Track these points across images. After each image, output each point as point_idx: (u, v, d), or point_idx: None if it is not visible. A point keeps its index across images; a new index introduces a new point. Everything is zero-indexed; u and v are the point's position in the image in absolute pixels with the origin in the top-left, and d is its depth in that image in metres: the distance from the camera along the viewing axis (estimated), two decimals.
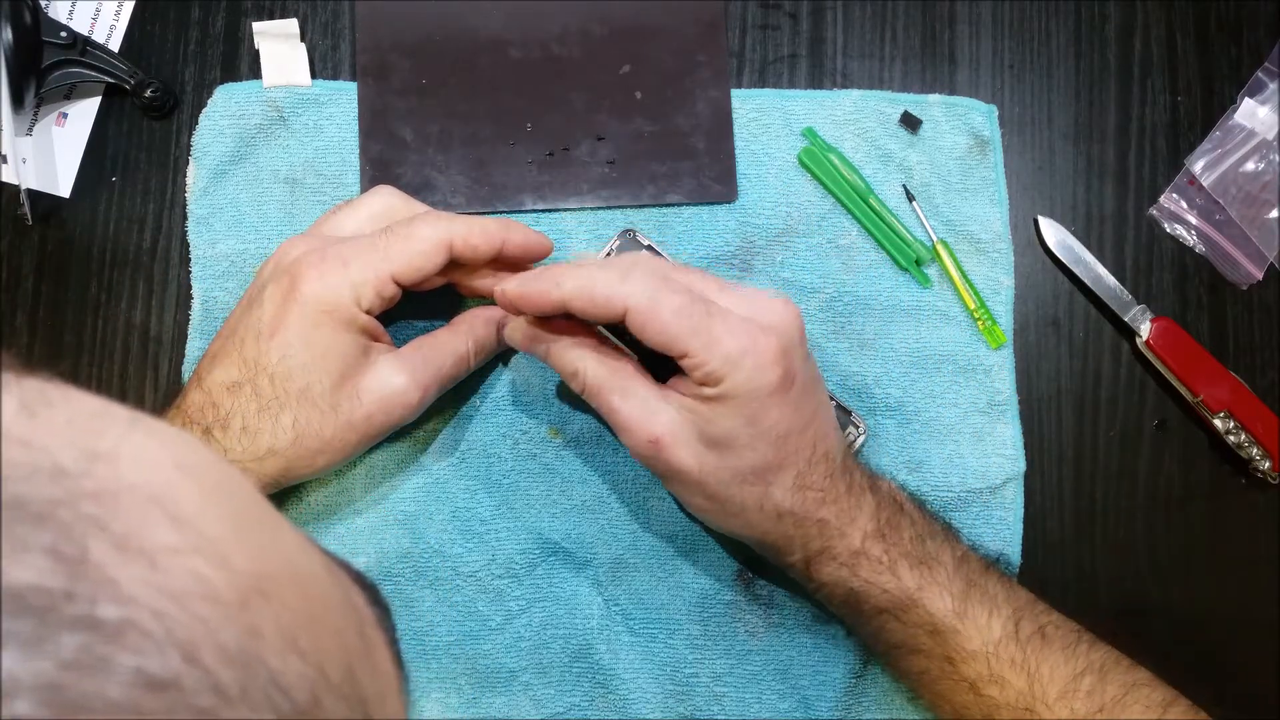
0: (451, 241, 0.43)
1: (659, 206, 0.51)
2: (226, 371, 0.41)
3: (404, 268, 0.42)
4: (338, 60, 0.53)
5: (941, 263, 0.51)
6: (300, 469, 0.43)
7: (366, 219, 0.45)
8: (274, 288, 0.42)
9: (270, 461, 0.42)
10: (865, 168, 0.51)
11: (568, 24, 0.52)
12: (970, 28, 0.54)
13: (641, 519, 0.49)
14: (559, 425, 0.49)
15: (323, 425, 0.42)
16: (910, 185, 0.51)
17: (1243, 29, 0.54)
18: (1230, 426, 0.50)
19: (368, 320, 0.42)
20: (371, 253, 0.42)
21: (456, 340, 0.45)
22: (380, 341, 0.44)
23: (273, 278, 0.42)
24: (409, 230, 0.43)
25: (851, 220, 0.51)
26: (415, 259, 0.42)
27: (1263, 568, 0.51)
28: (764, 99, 0.52)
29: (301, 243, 0.43)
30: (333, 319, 0.41)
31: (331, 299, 0.41)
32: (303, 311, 0.41)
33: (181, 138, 0.52)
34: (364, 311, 0.42)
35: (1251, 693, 0.50)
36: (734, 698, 0.48)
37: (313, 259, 0.42)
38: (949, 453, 0.50)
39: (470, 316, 0.47)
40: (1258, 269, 0.53)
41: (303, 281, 0.41)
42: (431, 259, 0.42)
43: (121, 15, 0.53)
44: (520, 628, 0.48)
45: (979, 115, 0.52)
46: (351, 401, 0.42)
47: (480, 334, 0.46)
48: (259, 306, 0.42)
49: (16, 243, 0.51)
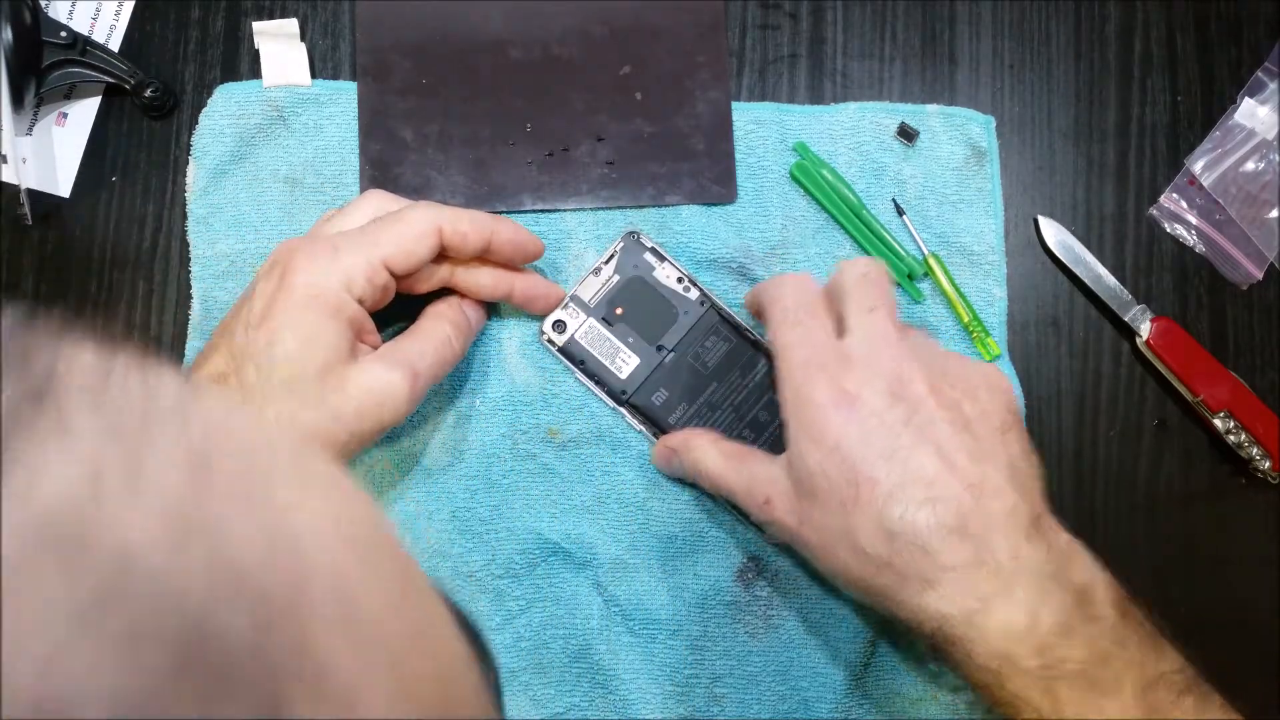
0: (441, 225, 0.43)
1: (658, 207, 0.51)
2: (214, 363, 0.42)
3: (395, 252, 0.42)
4: (338, 60, 0.53)
5: (934, 277, 0.51)
6: None
7: (360, 222, 0.45)
8: (265, 281, 0.42)
9: None
10: (860, 182, 0.51)
11: (568, 24, 0.52)
12: (970, 28, 0.54)
13: (641, 519, 0.49)
14: (559, 425, 0.49)
15: (307, 419, 0.41)
16: (905, 198, 0.51)
17: (1243, 29, 0.54)
18: (1230, 426, 0.50)
19: (357, 310, 0.42)
20: (361, 238, 0.42)
21: (435, 324, 0.45)
22: (369, 339, 0.44)
23: (264, 273, 0.43)
24: (399, 215, 0.43)
25: (845, 235, 0.51)
26: (405, 242, 0.42)
27: (1263, 568, 0.51)
28: (762, 112, 0.52)
29: (294, 240, 0.43)
30: (320, 304, 0.41)
31: (320, 283, 0.41)
32: (291, 297, 0.41)
33: (181, 138, 0.52)
34: (355, 300, 0.41)
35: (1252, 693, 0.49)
36: (734, 698, 0.48)
37: (303, 247, 0.42)
38: None
39: (440, 303, 0.46)
40: (1258, 269, 0.53)
41: (293, 270, 0.41)
42: (422, 242, 0.42)
43: (121, 15, 0.53)
44: (520, 628, 0.48)
45: (977, 126, 0.52)
46: (338, 395, 0.41)
47: (454, 315, 0.46)
48: (250, 299, 0.42)
49: (16, 243, 0.51)
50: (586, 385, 0.49)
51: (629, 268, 0.50)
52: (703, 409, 0.49)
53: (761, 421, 0.49)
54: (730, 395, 0.49)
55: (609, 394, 0.49)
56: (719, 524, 0.49)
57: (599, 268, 0.50)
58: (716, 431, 0.47)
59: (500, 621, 0.48)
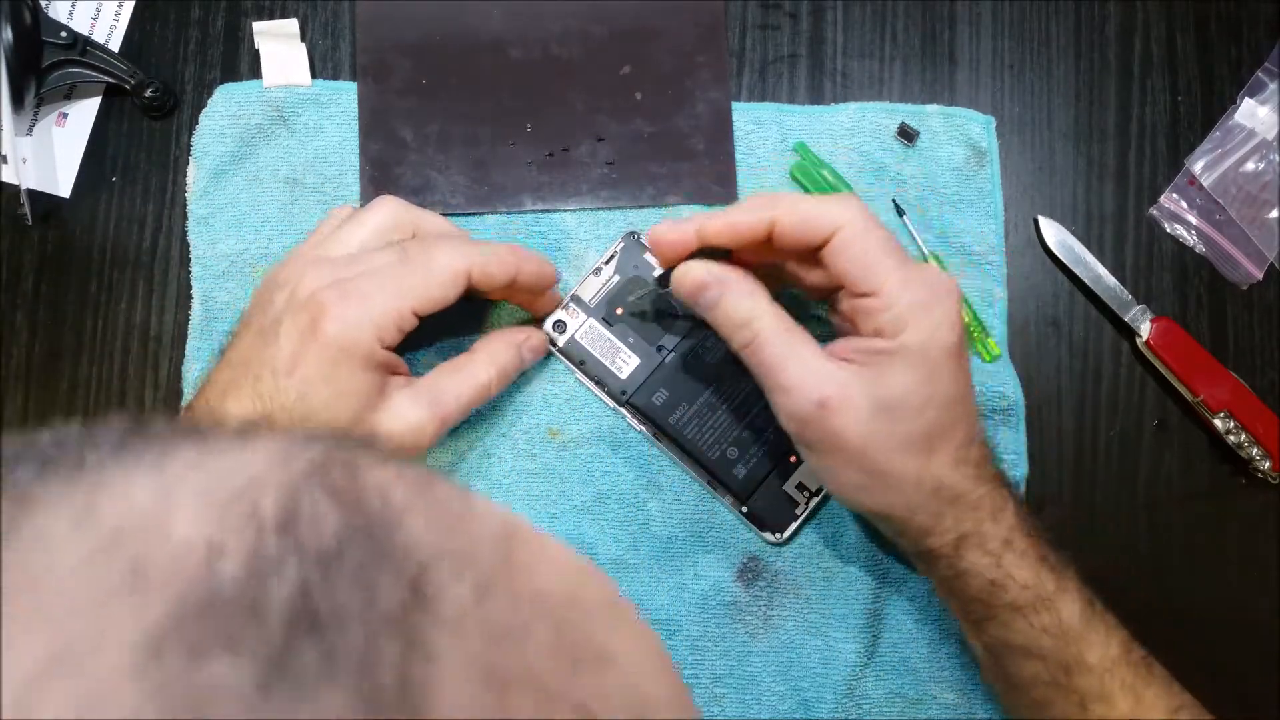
0: (470, 271, 0.42)
1: (658, 207, 0.51)
2: (240, 405, 0.40)
3: (424, 301, 0.41)
4: (338, 60, 0.53)
5: None
6: None
7: (373, 234, 0.44)
8: (291, 323, 0.40)
9: None
10: (860, 182, 0.51)
11: (568, 24, 0.52)
12: (970, 28, 0.54)
13: (641, 519, 0.49)
14: (559, 425, 0.49)
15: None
16: (905, 198, 0.51)
17: (1243, 29, 0.54)
18: (1230, 426, 0.50)
19: (387, 357, 0.42)
20: (394, 288, 0.41)
21: (477, 369, 0.45)
22: (398, 373, 0.43)
23: (289, 312, 0.41)
24: (428, 263, 0.42)
25: None
26: (434, 290, 0.42)
27: (1263, 568, 0.51)
28: (762, 112, 0.52)
29: (314, 273, 0.41)
30: (353, 357, 0.40)
31: (353, 335, 0.40)
32: (324, 352, 0.40)
33: (181, 138, 0.52)
34: (383, 348, 0.41)
35: (1252, 693, 0.50)
36: (734, 699, 0.48)
37: (332, 296, 0.40)
38: None
39: (491, 342, 0.46)
40: (1258, 269, 0.53)
41: (325, 320, 0.40)
42: (450, 290, 0.42)
43: (121, 15, 0.53)
44: None
45: (977, 126, 0.52)
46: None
47: (503, 360, 0.46)
48: (274, 342, 0.40)
49: (16, 243, 0.51)
50: (587, 385, 0.49)
51: (629, 268, 0.50)
52: (703, 409, 0.49)
53: (762, 422, 0.49)
54: (730, 395, 0.49)
55: (609, 394, 0.49)
56: (719, 524, 0.49)
57: (599, 268, 0.50)
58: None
59: None
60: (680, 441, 0.49)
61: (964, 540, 0.41)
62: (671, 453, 0.49)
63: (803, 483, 0.49)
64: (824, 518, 0.49)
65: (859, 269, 0.39)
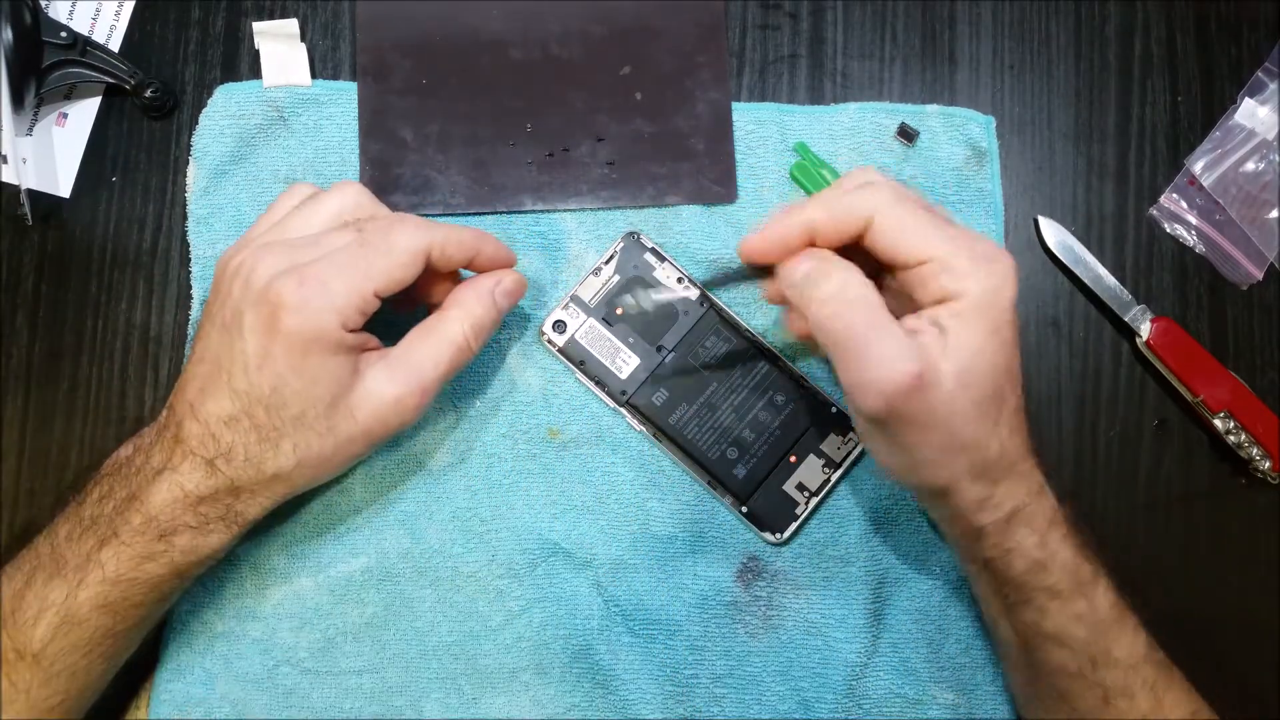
0: (430, 251, 0.42)
1: (658, 207, 0.51)
2: (219, 404, 0.40)
3: (384, 282, 0.41)
4: (338, 60, 0.53)
5: None
6: (306, 484, 0.43)
7: (332, 217, 0.43)
8: (253, 317, 0.40)
9: (277, 483, 0.42)
10: None
11: (568, 24, 0.52)
12: (970, 28, 0.54)
13: (641, 519, 0.49)
14: (559, 425, 0.49)
15: (322, 446, 0.41)
16: None
17: (1243, 29, 0.54)
18: (1230, 426, 0.50)
19: (354, 338, 0.41)
20: (352, 270, 0.40)
21: (450, 327, 0.43)
22: (368, 348, 0.43)
23: (248, 304, 0.40)
24: (388, 243, 0.41)
25: None
26: (395, 271, 0.41)
27: (1263, 568, 0.51)
28: (762, 112, 0.52)
29: (269, 259, 0.40)
30: (320, 346, 0.40)
31: (315, 324, 0.39)
32: (290, 344, 0.39)
33: (181, 138, 0.52)
34: (350, 330, 0.41)
35: (1251, 693, 0.50)
36: (734, 699, 0.48)
37: (290, 285, 0.39)
38: None
39: (462, 294, 0.44)
40: (1258, 269, 0.53)
41: (285, 313, 0.39)
42: (410, 270, 0.42)
43: (121, 15, 0.53)
44: (520, 628, 0.48)
45: (977, 126, 0.52)
46: (347, 421, 0.41)
47: (478, 313, 0.44)
48: (240, 338, 0.40)
49: (16, 243, 0.51)
50: (587, 385, 0.49)
51: (629, 268, 0.50)
52: (703, 409, 0.49)
53: (762, 422, 0.49)
54: (730, 395, 0.49)
55: (609, 394, 0.49)
56: (719, 524, 0.49)
57: (599, 268, 0.50)
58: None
59: (500, 621, 0.48)
60: (680, 441, 0.49)
61: (1015, 515, 0.40)
62: (671, 453, 0.49)
63: (803, 483, 0.49)
64: (824, 518, 0.49)
65: (905, 245, 0.39)
